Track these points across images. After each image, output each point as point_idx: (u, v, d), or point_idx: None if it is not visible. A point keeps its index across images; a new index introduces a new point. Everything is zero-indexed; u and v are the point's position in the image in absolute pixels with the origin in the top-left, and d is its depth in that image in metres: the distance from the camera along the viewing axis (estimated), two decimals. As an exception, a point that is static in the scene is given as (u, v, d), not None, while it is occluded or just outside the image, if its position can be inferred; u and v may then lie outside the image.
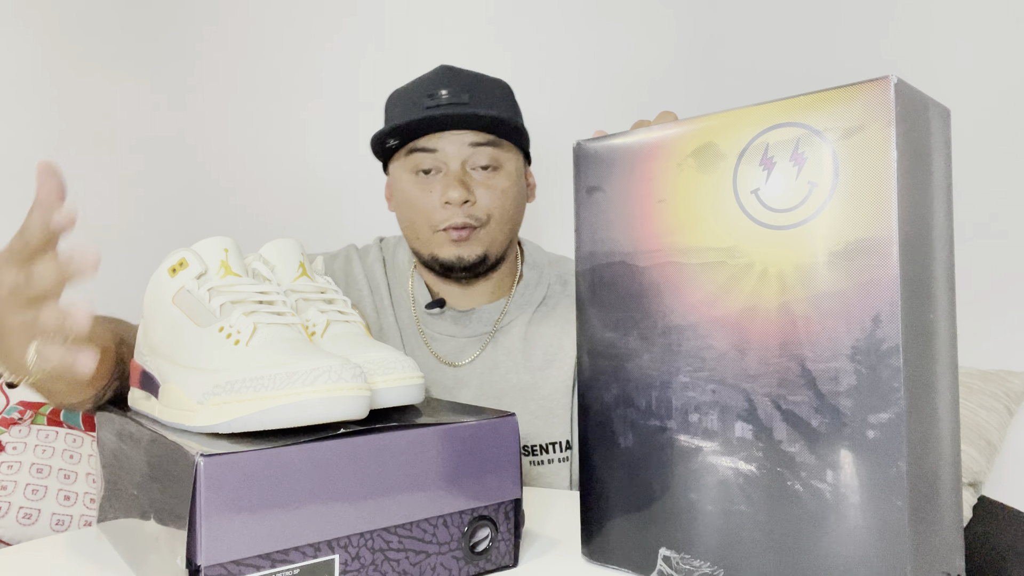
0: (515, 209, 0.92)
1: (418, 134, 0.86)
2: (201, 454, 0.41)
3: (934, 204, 0.43)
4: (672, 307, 0.49)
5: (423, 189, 0.88)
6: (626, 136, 0.52)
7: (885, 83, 0.40)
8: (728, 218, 0.46)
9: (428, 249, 0.90)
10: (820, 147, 0.42)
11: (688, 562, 0.48)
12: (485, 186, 0.88)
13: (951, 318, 0.45)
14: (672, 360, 0.49)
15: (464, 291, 0.95)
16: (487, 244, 0.89)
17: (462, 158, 0.87)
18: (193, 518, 0.41)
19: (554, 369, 0.92)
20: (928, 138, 0.43)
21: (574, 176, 0.55)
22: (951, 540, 0.44)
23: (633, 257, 0.51)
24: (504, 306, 0.96)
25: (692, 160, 0.48)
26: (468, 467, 0.51)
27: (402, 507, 0.48)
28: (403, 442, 0.48)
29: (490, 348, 0.94)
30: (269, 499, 0.42)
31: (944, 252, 0.45)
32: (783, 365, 0.43)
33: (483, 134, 0.87)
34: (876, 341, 0.40)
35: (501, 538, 0.53)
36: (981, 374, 1.17)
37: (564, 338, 0.93)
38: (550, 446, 0.91)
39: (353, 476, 0.46)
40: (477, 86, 0.89)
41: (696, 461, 0.48)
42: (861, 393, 0.40)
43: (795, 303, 0.43)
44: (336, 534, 0.45)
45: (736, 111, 0.46)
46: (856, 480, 0.41)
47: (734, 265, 0.46)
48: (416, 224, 0.90)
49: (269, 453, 0.43)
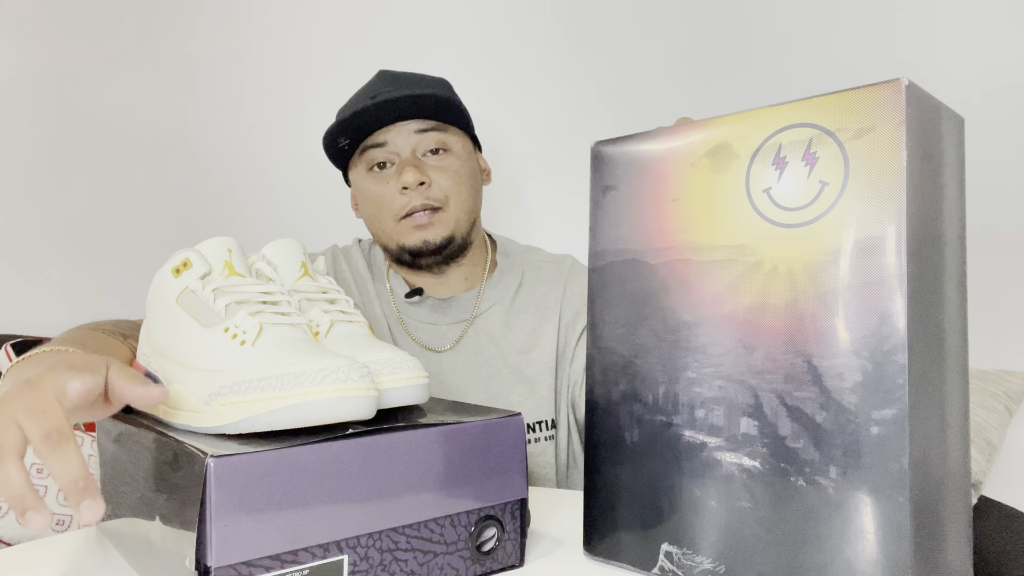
0: (471, 189, 0.96)
1: (365, 128, 0.91)
2: (211, 455, 0.41)
3: (944, 205, 0.44)
4: (682, 304, 0.50)
5: (380, 182, 0.93)
6: (642, 137, 0.54)
7: (897, 85, 0.41)
8: (740, 216, 0.47)
9: (395, 240, 0.95)
10: (832, 147, 0.43)
11: (690, 558, 0.49)
12: (438, 169, 0.93)
13: (962, 320, 0.46)
14: (680, 356, 0.50)
15: (439, 281, 1.00)
16: (451, 226, 0.94)
17: (411, 146, 0.93)
18: (203, 520, 0.41)
19: (536, 352, 0.96)
20: (939, 141, 0.44)
21: (591, 176, 0.57)
22: (959, 537, 0.45)
23: (645, 255, 0.53)
24: (479, 292, 1.00)
25: (706, 160, 0.49)
26: (475, 467, 0.51)
27: (410, 507, 0.48)
28: (411, 442, 0.48)
29: (471, 334, 0.98)
30: (279, 500, 0.43)
31: (955, 253, 0.45)
32: (790, 361, 0.44)
33: (427, 121, 0.92)
34: (882, 338, 0.41)
35: (507, 538, 0.53)
36: (981, 374, 1.18)
37: (544, 323, 0.98)
38: (537, 425, 0.95)
39: (362, 476, 0.46)
40: (415, 79, 0.96)
41: (701, 457, 0.49)
42: (866, 389, 0.41)
43: (803, 300, 0.44)
44: (345, 534, 0.45)
45: (750, 112, 0.47)
46: (859, 476, 0.41)
47: (744, 263, 0.47)
48: (380, 217, 0.95)
49: (278, 454, 0.43)
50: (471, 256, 1.01)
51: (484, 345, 0.97)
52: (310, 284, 0.60)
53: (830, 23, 1.42)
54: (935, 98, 0.44)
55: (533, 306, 0.99)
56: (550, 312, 0.99)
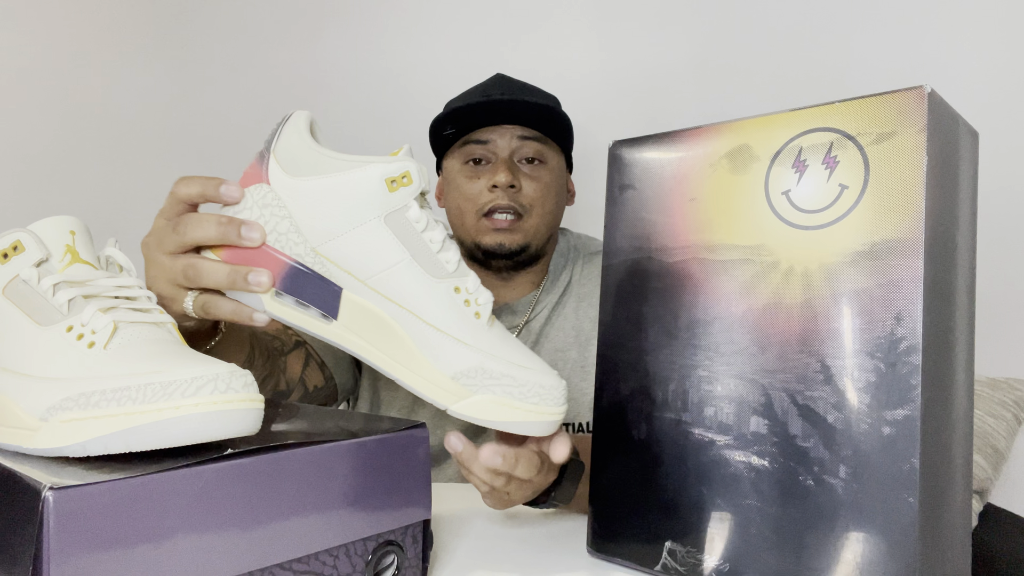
0: (556, 204, 1.06)
1: (473, 123, 1.01)
2: (49, 487, 0.33)
3: (959, 211, 0.48)
4: (696, 302, 0.53)
5: (473, 176, 1.02)
6: (661, 138, 0.57)
7: (920, 92, 0.44)
8: (757, 217, 0.50)
9: (472, 236, 1.03)
10: (852, 151, 0.46)
11: (694, 556, 0.51)
12: (530, 177, 1.02)
13: (970, 323, 0.49)
14: (692, 354, 0.53)
15: (504, 284, 1.09)
16: (529, 235, 1.03)
17: (511, 149, 1.02)
18: (39, 564, 0.33)
19: (573, 352, 1.05)
20: (956, 150, 0.48)
21: (608, 175, 0.60)
22: (960, 540, 0.48)
23: (660, 253, 0.55)
24: (536, 297, 1.09)
25: (726, 161, 0.52)
26: (374, 487, 0.46)
27: (299, 538, 0.42)
28: (302, 462, 0.42)
29: (523, 337, 1.07)
30: (137, 536, 0.36)
31: (966, 258, 0.49)
32: (803, 361, 0.47)
33: (531, 129, 1.02)
34: (897, 339, 0.43)
35: (408, 564, 0.48)
36: (990, 381, 1.25)
37: (585, 321, 1.07)
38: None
39: (242, 505, 0.40)
40: (529, 88, 1.07)
41: (709, 454, 0.51)
42: (879, 389, 0.44)
43: (818, 300, 0.47)
44: (222, 575, 0.38)
45: (772, 116, 0.50)
46: (869, 476, 0.44)
47: (760, 263, 0.50)
48: (463, 209, 1.03)
49: (138, 483, 0.36)
50: (541, 263, 1.10)
51: (535, 348, 1.06)
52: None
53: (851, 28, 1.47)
54: (953, 108, 0.48)
55: (577, 303, 1.08)
56: (592, 310, 1.07)
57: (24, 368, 0.44)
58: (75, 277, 0.46)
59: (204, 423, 0.39)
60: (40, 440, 0.41)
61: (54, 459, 0.41)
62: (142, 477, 0.37)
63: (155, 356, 0.42)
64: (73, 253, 0.48)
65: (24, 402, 0.42)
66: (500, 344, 0.51)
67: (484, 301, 0.51)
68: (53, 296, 0.45)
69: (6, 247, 0.47)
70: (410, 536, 0.50)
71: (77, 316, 0.44)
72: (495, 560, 0.58)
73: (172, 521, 0.38)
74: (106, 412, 0.39)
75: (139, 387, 0.40)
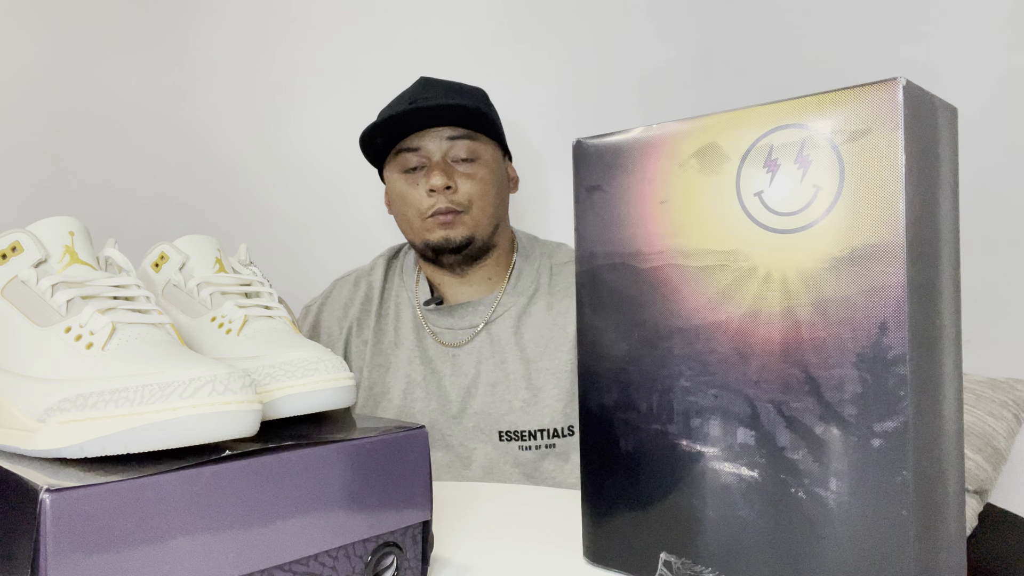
0: (496, 196, 1.08)
1: (400, 131, 1.04)
2: (47, 488, 0.33)
3: (940, 207, 0.46)
4: (673, 310, 0.51)
5: (411, 184, 1.06)
6: (627, 135, 0.54)
7: (893, 85, 0.41)
8: (731, 221, 0.48)
9: (420, 236, 1.07)
10: (826, 150, 0.44)
11: (689, 567, 0.50)
12: (465, 176, 1.05)
13: (957, 323, 0.48)
14: (674, 364, 0.51)
15: (462, 280, 1.12)
16: (472, 227, 1.06)
17: (442, 151, 1.05)
18: (37, 565, 0.33)
19: (545, 361, 1.06)
20: (936, 140, 0.45)
21: (574, 175, 0.58)
22: (954, 548, 0.47)
23: (634, 259, 0.53)
24: (498, 298, 1.11)
25: (695, 161, 0.50)
26: (374, 488, 0.46)
27: (298, 539, 0.42)
28: (301, 463, 0.42)
29: (484, 337, 1.09)
30: (135, 538, 0.36)
31: (950, 256, 0.47)
32: (786, 371, 0.45)
33: (459, 128, 1.05)
34: (882, 349, 0.42)
35: (408, 566, 0.48)
36: (990, 382, 1.24)
37: (554, 330, 1.08)
38: (538, 432, 1.04)
39: (241, 506, 0.40)
40: (453, 88, 1.09)
41: (697, 466, 0.50)
42: (866, 401, 0.42)
43: (799, 308, 0.45)
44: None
45: (739, 111, 0.48)
46: (860, 488, 0.43)
47: (737, 269, 0.48)
48: (408, 216, 1.08)
49: (136, 484, 0.36)
50: (495, 258, 1.13)
51: (495, 350, 1.08)
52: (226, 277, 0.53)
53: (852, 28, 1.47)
54: (930, 93, 0.45)
55: (543, 314, 1.09)
56: (562, 319, 1.08)
57: (22, 369, 0.44)
58: (74, 278, 0.47)
59: (202, 424, 0.39)
60: (38, 441, 0.41)
61: (52, 460, 0.41)
62: (140, 479, 0.38)
63: (153, 357, 0.42)
64: (72, 254, 0.48)
65: (22, 403, 0.42)
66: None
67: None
68: (51, 297, 0.45)
69: (5, 248, 0.47)
70: (410, 537, 0.50)
71: (75, 317, 0.44)
72: (495, 561, 0.58)
73: (170, 523, 0.39)
74: (104, 413, 0.39)
75: (137, 388, 0.40)
